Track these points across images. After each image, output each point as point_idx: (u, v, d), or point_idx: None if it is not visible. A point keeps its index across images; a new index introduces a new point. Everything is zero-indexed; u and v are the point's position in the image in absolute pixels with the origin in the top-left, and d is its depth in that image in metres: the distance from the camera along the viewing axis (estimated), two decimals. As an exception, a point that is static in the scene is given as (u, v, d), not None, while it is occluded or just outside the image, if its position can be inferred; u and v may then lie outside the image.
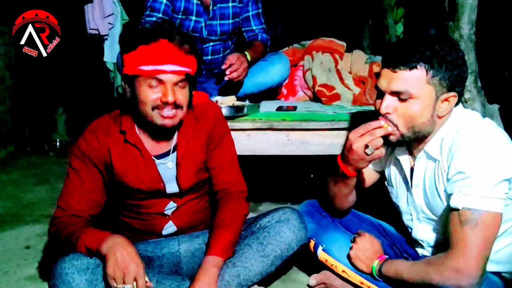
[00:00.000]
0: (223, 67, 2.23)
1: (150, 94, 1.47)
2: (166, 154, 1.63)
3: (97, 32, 3.34)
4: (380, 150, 1.39)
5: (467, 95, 2.04)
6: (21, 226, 2.46)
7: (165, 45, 1.47)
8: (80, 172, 1.57)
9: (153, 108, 1.48)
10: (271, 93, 2.70)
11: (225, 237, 1.54)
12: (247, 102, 2.24)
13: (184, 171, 1.63)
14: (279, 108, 2.33)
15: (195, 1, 2.46)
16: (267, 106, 2.35)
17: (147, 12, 2.47)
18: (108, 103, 3.51)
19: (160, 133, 1.59)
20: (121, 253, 1.36)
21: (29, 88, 4.33)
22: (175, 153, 1.63)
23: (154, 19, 2.42)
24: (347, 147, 1.43)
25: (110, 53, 3.36)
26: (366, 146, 1.38)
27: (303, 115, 2.18)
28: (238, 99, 2.31)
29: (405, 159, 1.54)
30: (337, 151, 2.09)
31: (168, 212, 1.67)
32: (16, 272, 1.95)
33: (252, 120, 2.13)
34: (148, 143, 1.61)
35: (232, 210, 1.62)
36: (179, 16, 2.48)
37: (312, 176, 2.93)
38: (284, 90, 2.81)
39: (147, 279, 1.38)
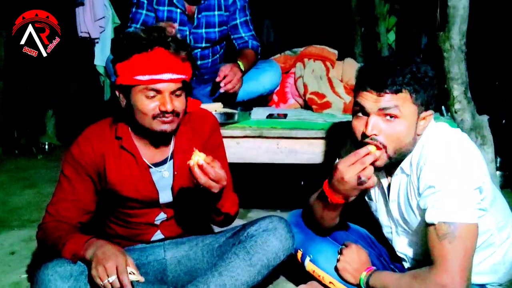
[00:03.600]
0: (217, 79, 2.20)
1: (148, 104, 1.45)
2: (162, 163, 1.61)
3: (87, 35, 3.33)
4: (373, 179, 1.36)
5: (457, 106, 2.05)
6: (6, 231, 2.42)
7: (161, 53, 1.44)
8: (72, 180, 1.55)
9: (154, 117, 1.46)
10: (262, 100, 2.69)
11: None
12: (238, 110, 2.22)
13: (180, 181, 1.61)
14: (270, 116, 2.32)
15: (178, 10, 2.45)
16: (258, 113, 2.34)
17: (128, 24, 2.48)
18: (98, 107, 3.50)
19: (157, 141, 1.58)
20: (101, 251, 1.36)
21: (19, 90, 4.30)
22: (171, 162, 1.61)
23: (132, 29, 2.40)
24: (337, 178, 1.37)
25: (101, 56, 3.34)
26: (359, 177, 1.34)
27: (293, 123, 2.17)
28: (229, 105, 2.29)
29: (382, 175, 1.53)
30: (326, 160, 2.09)
31: (158, 222, 1.65)
32: (0, 279, 1.91)
33: (242, 127, 2.11)
34: (144, 151, 1.58)
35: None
36: None
37: (302, 183, 2.93)
38: (275, 97, 2.81)
39: (135, 272, 1.34)
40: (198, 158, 1.36)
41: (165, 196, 1.62)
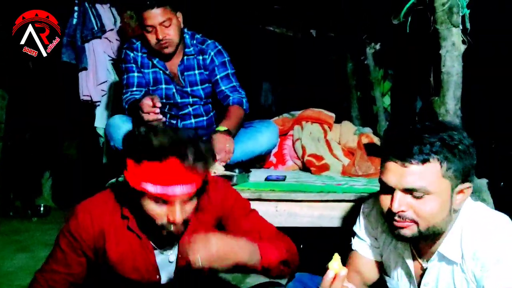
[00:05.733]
0: None
1: (156, 212, 1.32)
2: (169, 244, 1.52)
3: (89, 99, 3.38)
4: None
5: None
6: (-4, 297, 2.35)
7: (175, 165, 1.27)
8: (66, 253, 1.47)
9: (161, 225, 1.34)
10: (260, 160, 2.70)
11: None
12: (237, 172, 2.22)
13: (184, 263, 1.46)
14: (268, 178, 2.31)
15: (161, 71, 2.53)
16: (256, 175, 2.34)
17: (124, 90, 2.53)
18: (97, 169, 3.49)
19: None
20: None
21: (17, 151, 4.31)
22: (177, 244, 1.51)
23: (128, 94, 2.48)
24: None
25: (101, 119, 3.38)
26: None
27: (292, 186, 2.16)
28: (228, 166, 2.30)
29: (408, 256, 1.42)
30: (326, 223, 2.07)
31: None
32: None
33: (241, 190, 2.09)
34: (150, 233, 1.47)
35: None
36: (150, 88, 2.54)
37: (301, 247, 2.87)
38: (273, 159, 2.82)
39: None
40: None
41: (167, 278, 1.53)
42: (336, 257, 1.22)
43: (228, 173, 2.20)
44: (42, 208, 4.24)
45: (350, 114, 4.06)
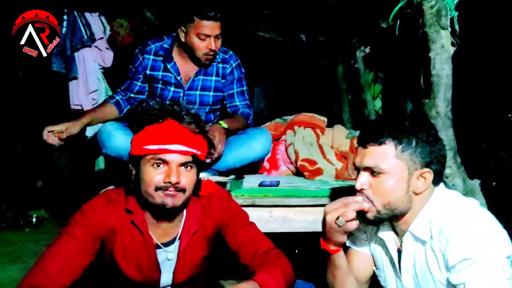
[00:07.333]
0: None
1: (153, 175, 1.41)
2: (170, 242, 1.54)
3: (80, 108, 3.37)
4: (352, 222, 1.39)
5: (447, 171, 2.05)
6: (-12, 310, 2.32)
7: (172, 124, 1.43)
8: (78, 239, 1.42)
9: (156, 189, 1.41)
10: (253, 166, 2.70)
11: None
12: (231, 177, 2.22)
13: (182, 264, 1.54)
14: (262, 184, 2.31)
15: (172, 75, 2.52)
16: (250, 181, 2.33)
17: (122, 87, 2.58)
18: (89, 178, 3.47)
19: (163, 217, 1.50)
20: None
21: (9, 162, 4.28)
22: (178, 243, 1.54)
23: (120, 96, 2.55)
24: (322, 220, 1.45)
25: (92, 128, 3.36)
26: (337, 218, 1.39)
27: (285, 191, 2.16)
28: (221, 173, 2.29)
29: (390, 240, 1.49)
30: (320, 228, 2.06)
31: None
32: None
33: (235, 196, 2.08)
34: (153, 229, 1.52)
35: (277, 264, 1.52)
36: (159, 86, 2.54)
37: (296, 252, 2.86)
38: (266, 164, 2.81)
39: None
40: None
41: (166, 279, 1.54)
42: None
43: (221, 179, 2.19)
44: (34, 219, 4.20)
45: (341, 118, 4.07)
